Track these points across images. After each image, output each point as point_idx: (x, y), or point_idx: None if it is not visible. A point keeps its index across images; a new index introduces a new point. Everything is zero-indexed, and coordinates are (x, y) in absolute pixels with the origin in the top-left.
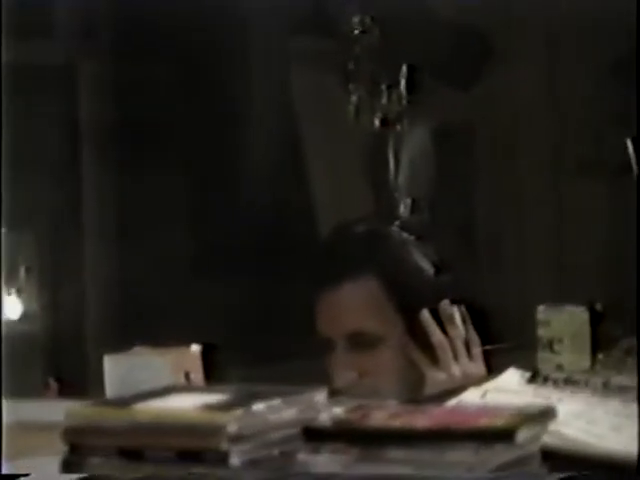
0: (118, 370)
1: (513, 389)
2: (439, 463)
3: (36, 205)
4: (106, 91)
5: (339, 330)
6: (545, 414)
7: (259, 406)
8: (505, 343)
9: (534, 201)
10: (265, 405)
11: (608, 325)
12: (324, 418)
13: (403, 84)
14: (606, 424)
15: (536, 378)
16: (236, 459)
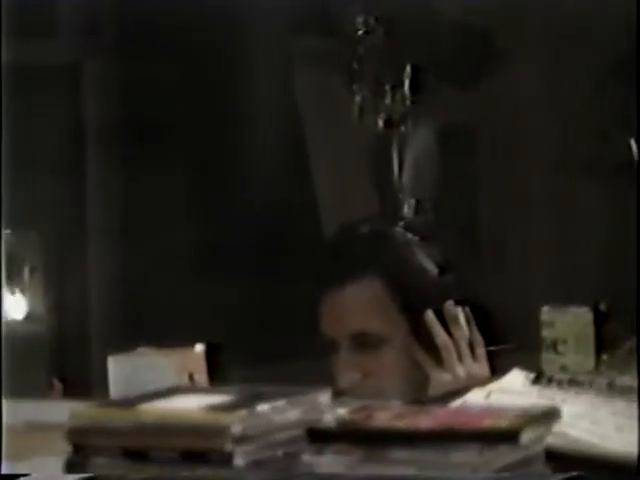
0: (122, 371)
1: (517, 390)
2: (443, 464)
3: (41, 205)
4: (110, 90)
5: (343, 331)
6: (549, 415)
7: (263, 407)
8: (509, 344)
9: (538, 201)
10: (269, 406)
11: (612, 326)
12: (328, 419)
13: (407, 84)
14: (610, 425)
15: (540, 379)
16: (240, 460)
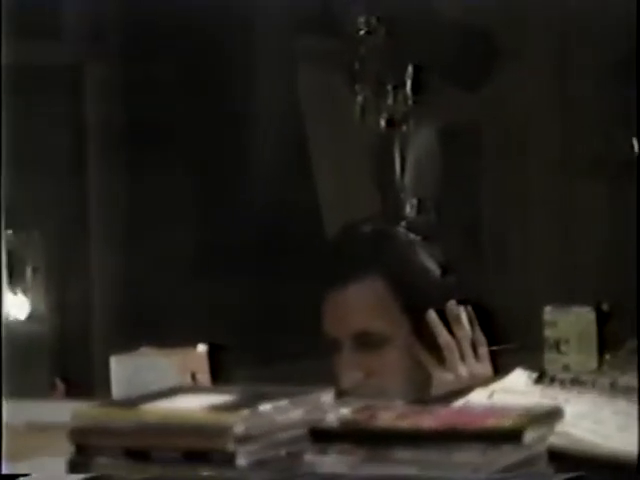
0: (125, 371)
1: (520, 390)
2: (446, 464)
3: (43, 206)
4: (114, 93)
5: (345, 330)
6: (552, 415)
7: (266, 407)
8: (512, 344)
9: (540, 201)
10: (272, 406)
11: (615, 325)
12: (331, 419)
13: (409, 84)
14: (613, 424)
15: (543, 379)
16: (243, 460)
